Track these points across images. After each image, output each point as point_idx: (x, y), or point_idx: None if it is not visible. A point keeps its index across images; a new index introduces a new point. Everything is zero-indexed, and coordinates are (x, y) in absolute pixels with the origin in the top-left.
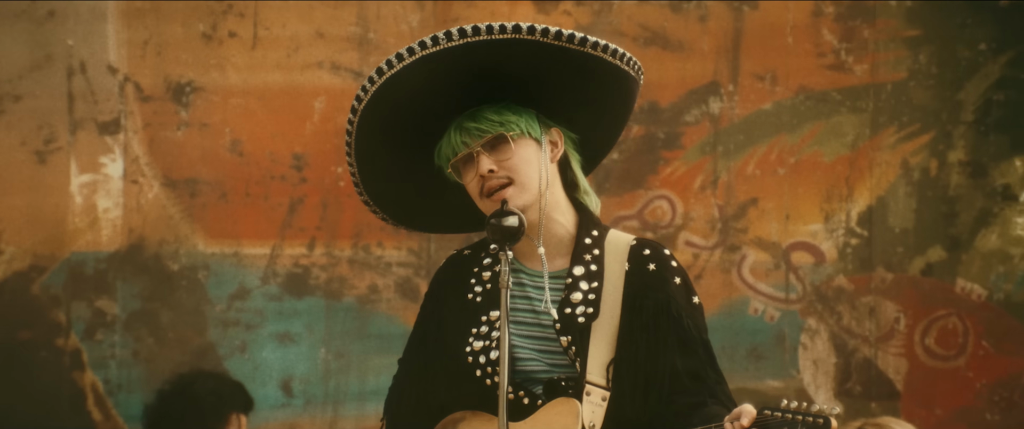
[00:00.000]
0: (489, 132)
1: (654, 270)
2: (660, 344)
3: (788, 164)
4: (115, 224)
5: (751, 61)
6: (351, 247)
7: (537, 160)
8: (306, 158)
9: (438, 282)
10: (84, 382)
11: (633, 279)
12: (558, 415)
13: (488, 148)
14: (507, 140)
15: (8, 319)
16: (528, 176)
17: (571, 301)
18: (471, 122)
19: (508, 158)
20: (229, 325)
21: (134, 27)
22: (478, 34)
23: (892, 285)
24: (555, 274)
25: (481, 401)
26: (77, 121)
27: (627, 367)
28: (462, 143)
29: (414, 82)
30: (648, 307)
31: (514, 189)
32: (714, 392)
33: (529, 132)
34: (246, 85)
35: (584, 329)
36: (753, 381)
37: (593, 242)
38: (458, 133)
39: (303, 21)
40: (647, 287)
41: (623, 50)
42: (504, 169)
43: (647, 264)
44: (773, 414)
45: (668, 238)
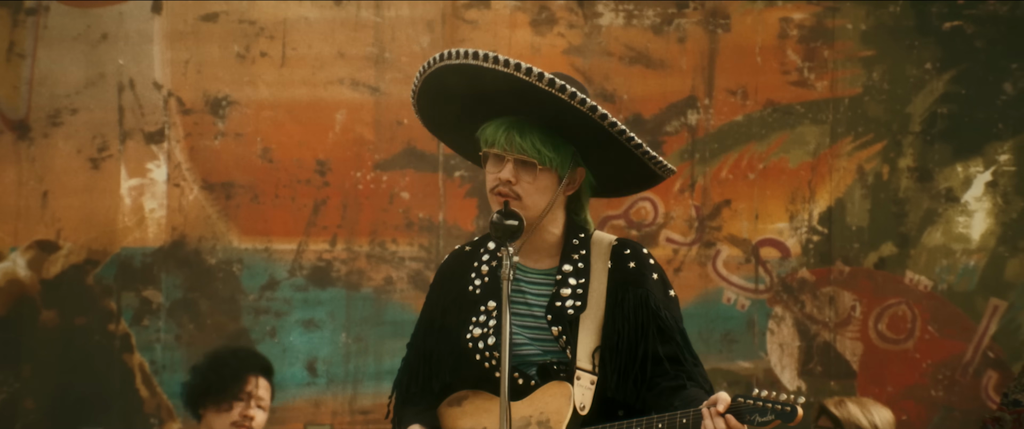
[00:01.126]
0: (526, 154)
1: (634, 267)
2: (641, 333)
3: (757, 169)
4: (160, 223)
5: (724, 78)
6: (368, 243)
7: (550, 190)
8: (329, 164)
9: (442, 274)
10: (133, 363)
11: (615, 275)
12: (553, 397)
13: (519, 163)
14: (535, 168)
15: (66, 306)
16: (534, 201)
17: (561, 295)
18: (520, 136)
19: (528, 181)
20: (260, 313)
21: (177, 48)
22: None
23: (849, 277)
24: (545, 271)
25: (480, 382)
26: (126, 131)
27: (611, 354)
28: (504, 144)
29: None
30: (629, 300)
31: (518, 204)
32: (692, 375)
33: (557, 168)
34: (275, 99)
35: (573, 320)
36: (726, 362)
37: (580, 243)
38: (507, 133)
39: (326, 42)
40: (628, 282)
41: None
42: (520, 185)
43: (628, 262)
44: (746, 401)
45: (651, 235)
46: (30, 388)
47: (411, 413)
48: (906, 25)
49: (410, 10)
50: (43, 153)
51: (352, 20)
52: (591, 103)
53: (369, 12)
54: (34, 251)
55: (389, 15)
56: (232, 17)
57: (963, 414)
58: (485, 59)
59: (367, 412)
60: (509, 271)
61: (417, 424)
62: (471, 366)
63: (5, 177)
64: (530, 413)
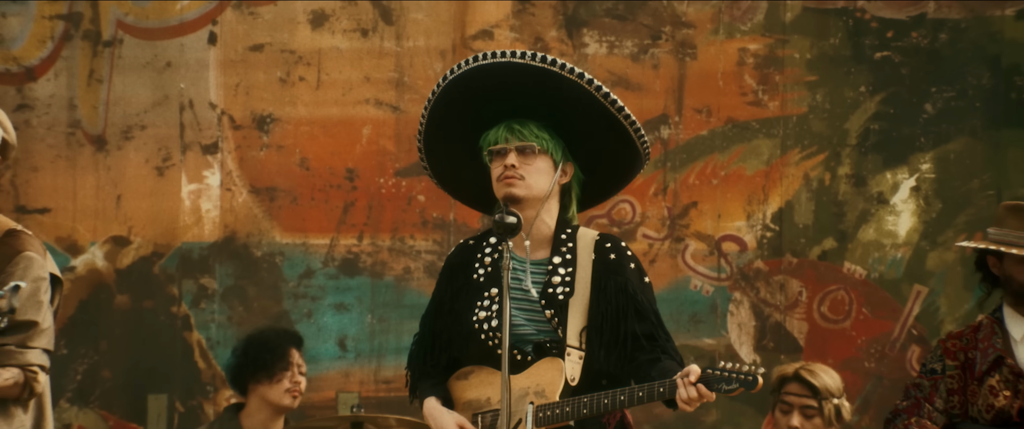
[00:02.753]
0: (526, 139)
1: (614, 258)
2: (621, 315)
3: (719, 176)
4: (214, 221)
5: (692, 99)
6: (390, 239)
7: (549, 175)
8: (356, 172)
9: (449, 264)
10: (191, 339)
11: (599, 265)
12: (547, 370)
13: (520, 150)
14: (535, 150)
15: (136, 292)
16: (537, 181)
17: (552, 283)
18: (518, 126)
19: (530, 163)
20: (299, 297)
21: (228, 74)
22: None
23: (796, 267)
24: (538, 262)
25: (484, 358)
26: (186, 144)
27: (597, 333)
28: (505, 138)
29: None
30: (611, 287)
31: (523, 185)
32: (665, 349)
33: (553, 153)
34: (311, 117)
35: (563, 304)
36: (693, 339)
37: (567, 237)
38: (506, 129)
39: (354, 68)
40: (609, 271)
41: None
42: (523, 169)
43: (609, 254)
44: (714, 372)
45: (629, 232)
46: (107, 360)
47: (426, 386)
48: (844, 55)
49: (425, 41)
50: (117, 163)
51: (376, 49)
52: (589, 77)
53: (391, 42)
54: (110, 245)
55: (408, 45)
56: (275, 47)
57: (891, 382)
58: (494, 56)
59: (389, 381)
60: (509, 261)
61: (432, 396)
62: (476, 344)
63: (85, 183)
64: (527, 385)
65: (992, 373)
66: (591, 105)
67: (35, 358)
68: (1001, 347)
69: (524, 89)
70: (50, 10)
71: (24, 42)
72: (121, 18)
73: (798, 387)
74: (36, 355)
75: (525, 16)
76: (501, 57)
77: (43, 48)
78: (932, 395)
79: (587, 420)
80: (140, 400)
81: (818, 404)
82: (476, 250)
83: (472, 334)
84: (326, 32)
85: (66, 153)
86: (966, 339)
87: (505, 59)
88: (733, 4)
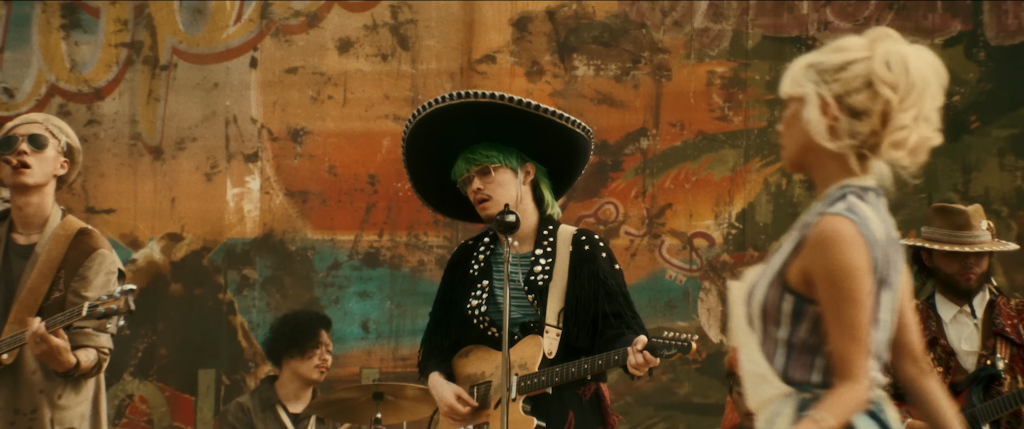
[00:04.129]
0: (479, 162)
1: (588, 249)
2: (593, 297)
3: (691, 181)
4: (255, 220)
5: (667, 114)
6: (406, 235)
7: (513, 183)
8: (377, 177)
9: (451, 262)
10: (235, 322)
11: (575, 256)
12: (529, 346)
13: (479, 173)
14: (489, 169)
15: (188, 281)
16: (503, 193)
17: (534, 272)
18: (469, 153)
19: (490, 182)
20: (328, 286)
21: (267, 93)
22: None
23: (758, 260)
24: (523, 255)
25: (479, 338)
26: (231, 154)
27: (571, 314)
28: (464, 169)
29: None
30: (584, 274)
31: (492, 203)
32: (630, 326)
33: (507, 164)
34: (339, 130)
35: (543, 289)
36: (668, 322)
37: (549, 233)
38: (463, 161)
39: (375, 88)
40: (583, 260)
41: (575, 118)
42: (487, 189)
43: (584, 246)
44: (657, 340)
45: (613, 230)
46: (163, 340)
47: (431, 363)
48: None
49: (437, 64)
50: (172, 170)
51: (395, 72)
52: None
53: (407, 66)
54: (165, 241)
55: (422, 68)
56: (307, 70)
57: None
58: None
59: (405, 358)
60: (508, 254)
61: (437, 371)
62: (471, 327)
63: (145, 187)
64: (514, 359)
65: (927, 352)
66: (520, 115)
67: (105, 341)
68: (935, 329)
69: (470, 119)
70: (115, 39)
71: (93, 67)
72: (176, 46)
73: None
74: (106, 338)
75: (523, 43)
76: (438, 103)
77: (109, 72)
78: None
79: (564, 390)
80: (191, 374)
81: None
82: (473, 249)
83: (467, 319)
84: (351, 57)
85: (128, 161)
86: None
87: (443, 104)
88: (702, 33)
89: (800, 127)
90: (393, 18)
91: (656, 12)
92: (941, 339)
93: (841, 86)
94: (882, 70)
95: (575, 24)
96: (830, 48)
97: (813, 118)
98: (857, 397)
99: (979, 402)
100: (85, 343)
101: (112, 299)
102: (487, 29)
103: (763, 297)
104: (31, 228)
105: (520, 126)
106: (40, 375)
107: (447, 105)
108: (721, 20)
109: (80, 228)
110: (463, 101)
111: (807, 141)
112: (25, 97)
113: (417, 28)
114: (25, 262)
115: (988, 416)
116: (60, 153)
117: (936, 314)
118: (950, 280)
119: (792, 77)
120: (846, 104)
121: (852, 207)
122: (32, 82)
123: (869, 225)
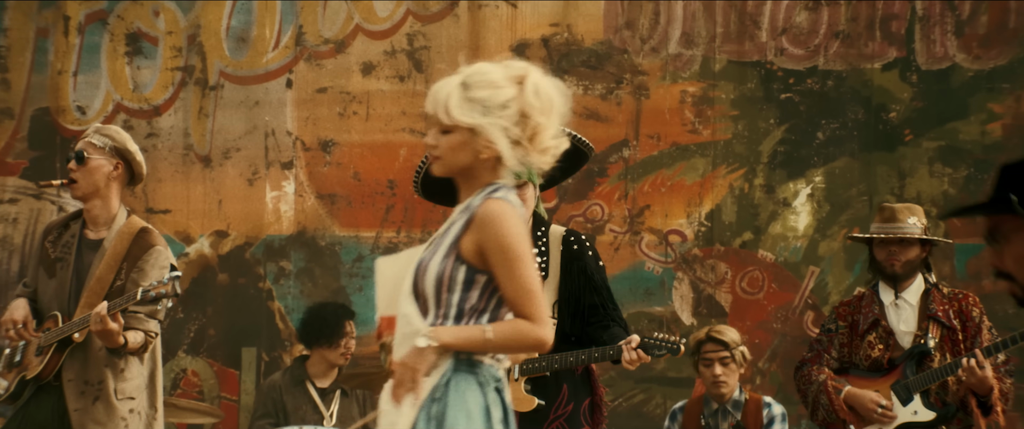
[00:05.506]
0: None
1: (576, 248)
2: (580, 291)
3: (667, 185)
4: (290, 219)
5: (646, 127)
6: (420, 232)
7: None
8: (396, 183)
9: None
10: (273, 308)
11: (565, 254)
12: None
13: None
14: (526, 182)
15: (233, 271)
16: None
17: None
18: None
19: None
20: (352, 276)
21: (301, 109)
22: None
23: (724, 253)
24: None
25: None
26: (269, 162)
27: (564, 305)
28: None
29: None
30: (573, 270)
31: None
32: (612, 317)
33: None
34: (362, 141)
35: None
36: (646, 307)
37: (542, 234)
38: None
39: (395, 105)
40: (572, 258)
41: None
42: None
43: (572, 245)
44: (649, 341)
45: (600, 227)
46: (212, 322)
47: None
48: (758, 96)
49: None
50: (219, 176)
51: (411, 91)
52: None
53: (421, 86)
54: (213, 237)
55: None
56: (335, 90)
57: (792, 338)
58: None
59: None
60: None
61: None
62: None
63: (196, 191)
64: None
65: (871, 331)
66: None
67: (153, 326)
68: (878, 312)
69: None
70: (171, 64)
71: (153, 87)
72: (223, 69)
73: (713, 345)
74: (154, 324)
75: None
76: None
77: (166, 91)
78: (829, 348)
79: (559, 370)
80: (236, 351)
81: (730, 353)
82: None
83: None
84: (373, 78)
85: (182, 169)
86: (853, 306)
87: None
88: (676, 57)
89: (468, 149)
90: (409, 45)
91: (636, 40)
92: (882, 321)
93: (507, 119)
94: (533, 99)
95: (566, 49)
96: (484, 83)
97: (502, 145)
98: (534, 333)
99: (912, 374)
100: (136, 326)
101: (161, 284)
102: (490, 54)
103: (439, 269)
104: (99, 226)
105: None
106: (105, 351)
107: None
108: (692, 47)
109: (141, 227)
110: None
111: (471, 159)
112: (95, 114)
113: (430, 53)
114: (94, 254)
115: (919, 386)
116: (109, 157)
117: (879, 299)
118: (881, 267)
119: (458, 108)
120: (511, 133)
121: (505, 196)
122: (101, 101)
123: (517, 208)
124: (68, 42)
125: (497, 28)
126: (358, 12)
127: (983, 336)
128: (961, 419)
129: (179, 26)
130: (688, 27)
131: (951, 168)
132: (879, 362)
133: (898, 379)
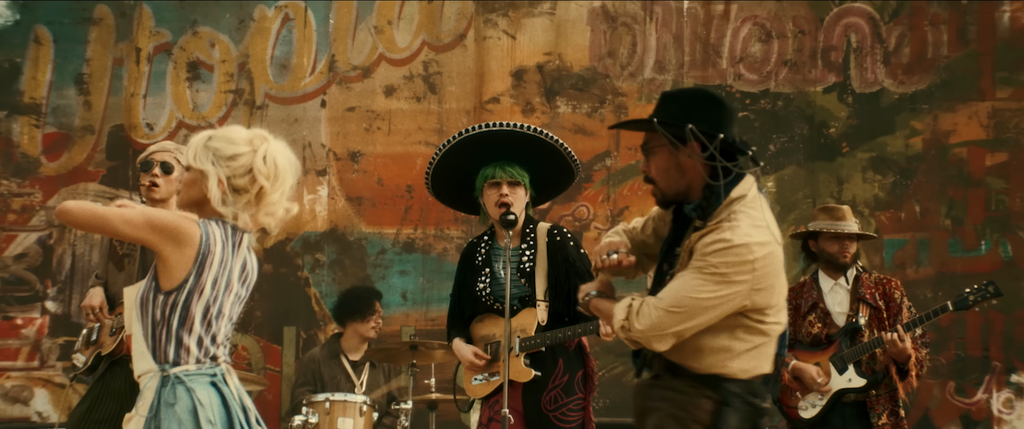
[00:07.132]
0: (515, 177)
1: (560, 240)
2: (565, 277)
3: (644, 190)
4: (324, 218)
5: (625, 140)
6: (435, 230)
7: (525, 198)
8: (413, 187)
9: (463, 255)
10: (310, 293)
11: (551, 246)
12: (527, 315)
13: (510, 183)
14: (520, 184)
15: (276, 262)
16: (519, 206)
17: (523, 260)
18: (508, 166)
19: (515, 192)
20: (376, 267)
21: (333, 125)
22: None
23: None
24: (515, 249)
25: (486, 311)
26: (306, 170)
27: (553, 290)
28: (498, 173)
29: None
30: (558, 260)
31: (514, 207)
32: None
33: (526, 184)
34: (384, 152)
35: (531, 274)
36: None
37: (531, 231)
38: (498, 167)
39: (412, 122)
40: (557, 249)
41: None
42: (511, 197)
43: (556, 238)
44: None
45: (585, 225)
46: (258, 305)
47: (454, 332)
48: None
49: (456, 104)
50: None
51: (425, 110)
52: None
53: (434, 105)
54: (260, 233)
55: (445, 107)
56: (362, 108)
57: None
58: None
59: (434, 319)
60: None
61: (458, 337)
62: (480, 304)
63: None
64: (515, 326)
65: (811, 312)
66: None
67: None
68: (817, 297)
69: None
70: (224, 87)
71: (209, 107)
72: (267, 91)
73: None
74: None
75: (520, 88)
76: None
77: (220, 110)
78: None
79: (552, 345)
80: (279, 330)
81: None
82: (476, 246)
83: (476, 297)
84: (394, 99)
85: None
86: (796, 292)
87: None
88: (650, 81)
89: (196, 188)
90: (425, 70)
91: (616, 66)
92: (821, 304)
93: (230, 171)
94: (259, 164)
95: (558, 75)
96: (224, 138)
97: (212, 188)
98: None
99: (847, 348)
100: None
101: None
102: (493, 78)
103: (141, 293)
104: None
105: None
106: None
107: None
108: (664, 72)
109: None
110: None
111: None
112: (161, 130)
113: (442, 78)
114: None
115: (852, 358)
116: (183, 173)
117: (818, 286)
118: (832, 258)
119: (194, 152)
120: (232, 184)
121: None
122: (165, 119)
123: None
124: (139, 69)
125: (499, 56)
126: (382, 43)
127: (903, 314)
128: (887, 383)
129: (231, 55)
130: (660, 56)
131: (880, 175)
132: (818, 338)
133: (835, 352)
